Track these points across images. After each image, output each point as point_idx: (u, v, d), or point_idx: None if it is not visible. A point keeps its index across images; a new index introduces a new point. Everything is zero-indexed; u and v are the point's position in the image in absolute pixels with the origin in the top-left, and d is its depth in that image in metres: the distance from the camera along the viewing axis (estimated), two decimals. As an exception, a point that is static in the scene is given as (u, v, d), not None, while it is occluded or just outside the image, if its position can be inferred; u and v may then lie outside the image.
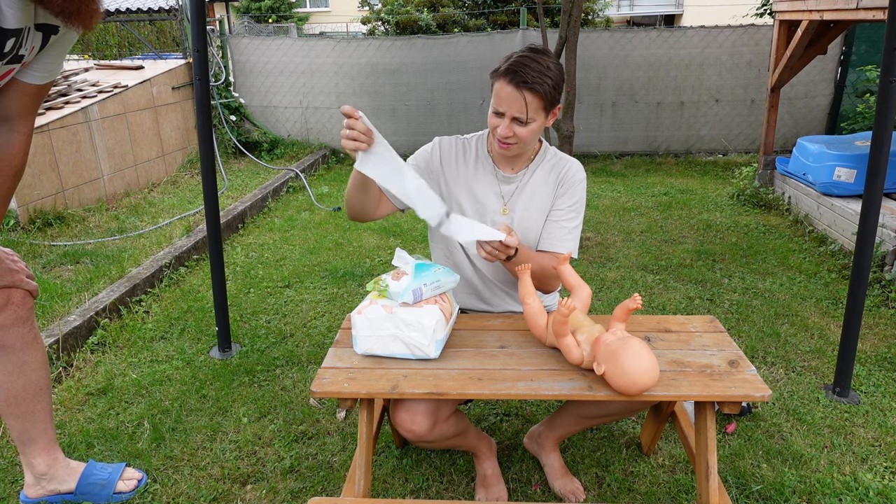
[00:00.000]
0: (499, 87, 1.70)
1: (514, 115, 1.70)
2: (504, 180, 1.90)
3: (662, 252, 4.13)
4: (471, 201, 1.90)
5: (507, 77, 1.68)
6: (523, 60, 1.68)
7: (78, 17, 1.42)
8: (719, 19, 11.55)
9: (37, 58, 1.52)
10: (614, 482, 2.05)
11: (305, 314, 3.30)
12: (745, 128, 6.97)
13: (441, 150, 1.93)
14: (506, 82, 1.68)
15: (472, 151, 1.94)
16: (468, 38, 6.88)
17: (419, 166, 1.92)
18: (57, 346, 2.71)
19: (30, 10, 1.40)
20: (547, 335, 1.63)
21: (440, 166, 1.92)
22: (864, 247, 2.39)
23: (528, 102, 1.68)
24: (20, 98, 1.56)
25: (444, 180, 1.92)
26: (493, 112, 1.75)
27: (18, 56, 1.45)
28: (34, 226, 4.20)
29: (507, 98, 1.69)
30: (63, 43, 1.56)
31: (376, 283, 1.66)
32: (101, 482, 1.96)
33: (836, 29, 4.67)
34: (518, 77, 1.66)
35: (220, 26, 6.98)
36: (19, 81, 1.54)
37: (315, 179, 6.32)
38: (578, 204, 1.91)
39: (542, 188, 1.90)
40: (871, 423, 2.34)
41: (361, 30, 11.66)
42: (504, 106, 1.70)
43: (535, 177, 1.90)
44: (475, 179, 1.91)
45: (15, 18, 1.37)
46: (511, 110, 1.70)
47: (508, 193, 1.90)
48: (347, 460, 2.16)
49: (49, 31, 1.49)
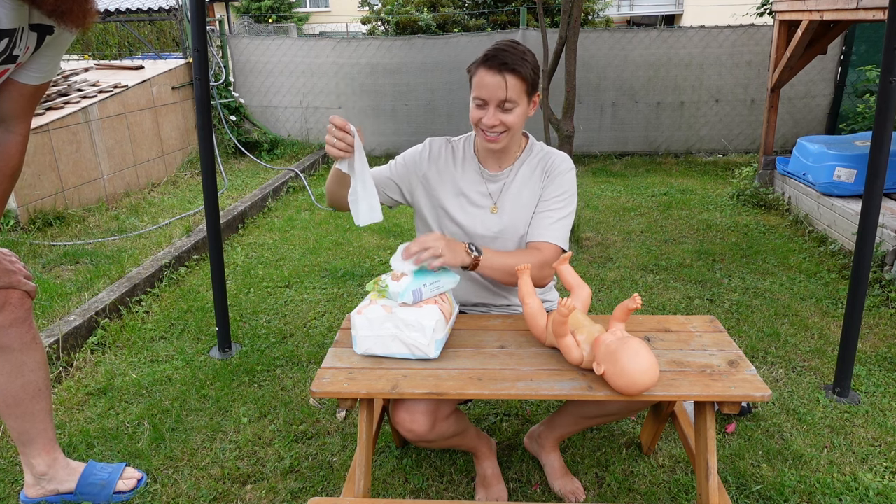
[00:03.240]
0: (480, 77, 1.72)
1: (499, 100, 1.71)
2: (490, 178, 1.90)
3: (662, 252, 4.13)
4: (458, 202, 1.90)
5: (486, 64, 1.70)
6: (500, 47, 1.72)
7: (71, 17, 1.41)
8: (719, 19, 11.56)
9: (32, 58, 1.52)
10: (614, 482, 2.05)
11: (305, 314, 3.30)
12: (745, 128, 6.97)
13: (430, 150, 1.94)
14: (486, 69, 1.70)
15: (459, 152, 1.94)
16: (468, 38, 6.88)
17: (406, 163, 1.94)
18: (57, 346, 2.71)
19: (24, 11, 1.39)
20: (547, 335, 1.63)
21: (426, 166, 1.92)
22: (864, 247, 2.39)
23: (510, 85, 1.69)
24: (16, 99, 1.56)
25: (426, 180, 1.92)
26: (475, 105, 1.76)
27: (13, 56, 1.45)
28: (34, 226, 4.20)
29: (489, 85, 1.70)
30: (59, 43, 1.55)
31: (376, 284, 1.66)
32: (100, 482, 1.96)
33: (836, 29, 4.67)
34: (497, 60, 1.68)
35: (220, 26, 6.99)
36: (15, 82, 1.53)
37: (315, 179, 6.32)
38: (566, 194, 1.87)
39: (528, 183, 1.89)
40: (871, 423, 2.34)
41: (361, 30, 11.67)
42: (486, 93, 1.71)
43: (522, 172, 1.90)
44: (462, 179, 1.91)
45: (8, 18, 1.37)
46: (495, 96, 1.71)
47: (496, 192, 1.90)
48: (347, 460, 2.16)
49: (44, 32, 1.48)
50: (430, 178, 1.92)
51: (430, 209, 1.94)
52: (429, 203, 1.94)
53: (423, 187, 1.93)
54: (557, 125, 4.22)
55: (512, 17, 9.02)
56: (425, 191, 1.93)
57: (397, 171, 1.95)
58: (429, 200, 1.94)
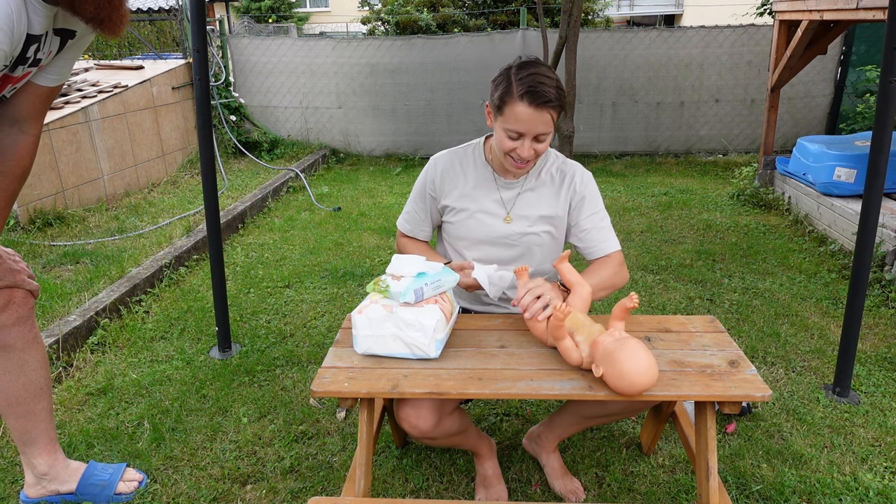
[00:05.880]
0: (517, 111, 1.66)
1: (536, 134, 1.70)
2: (505, 186, 1.90)
3: (662, 252, 4.13)
4: (472, 211, 1.90)
5: (527, 99, 1.64)
6: (537, 79, 1.65)
7: (109, 24, 1.44)
8: (719, 19, 11.56)
9: (52, 61, 1.54)
10: (614, 482, 2.05)
11: (305, 314, 3.30)
12: (745, 128, 6.97)
13: (438, 168, 1.94)
14: (527, 105, 1.65)
15: (469, 161, 1.93)
16: (468, 38, 6.88)
17: (422, 193, 1.96)
18: (57, 346, 2.71)
19: (51, 16, 1.42)
20: (547, 336, 1.63)
21: (439, 182, 1.93)
22: (864, 247, 2.39)
23: (549, 121, 1.69)
24: (32, 100, 1.58)
25: (442, 194, 1.94)
26: (507, 136, 1.72)
27: (37, 60, 1.48)
28: (34, 226, 4.20)
29: (528, 120, 1.66)
30: (78, 47, 1.58)
31: (376, 284, 1.66)
32: (101, 483, 1.96)
33: (836, 29, 4.67)
34: (540, 97, 1.64)
35: (220, 26, 6.98)
36: (32, 83, 1.56)
37: (315, 179, 6.32)
38: (600, 204, 1.93)
39: (546, 193, 1.90)
40: (871, 423, 2.34)
41: (361, 30, 11.66)
42: (525, 127, 1.68)
43: (538, 181, 1.91)
44: (475, 188, 1.91)
45: (40, 25, 1.40)
46: (534, 131, 1.69)
47: (510, 200, 1.90)
48: (347, 460, 2.16)
49: (67, 36, 1.51)
50: (444, 192, 1.93)
51: (446, 220, 1.97)
52: (447, 214, 1.96)
53: (441, 202, 1.95)
54: (557, 125, 4.23)
55: (512, 17, 9.01)
56: (442, 204, 1.95)
57: (421, 205, 1.98)
58: (445, 213, 1.96)
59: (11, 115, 1.57)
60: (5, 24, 1.30)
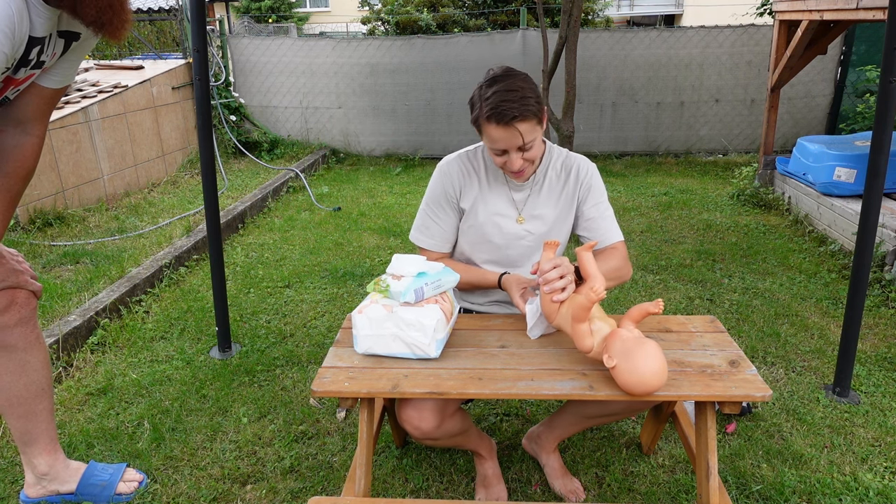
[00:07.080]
0: (490, 132, 1.69)
1: (517, 146, 1.70)
2: (516, 188, 1.91)
3: (662, 252, 4.13)
4: (485, 213, 1.91)
5: (493, 121, 1.65)
6: (501, 97, 1.64)
7: (110, 28, 1.44)
8: (719, 19, 11.56)
9: (56, 63, 1.55)
10: (614, 482, 2.05)
11: (305, 314, 3.30)
12: (745, 128, 6.98)
13: (453, 173, 1.92)
14: (494, 125, 1.66)
15: (479, 163, 1.93)
16: (468, 38, 6.88)
17: (449, 203, 1.92)
18: (57, 346, 2.71)
19: (55, 18, 1.42)
20: (558, 315, 1.58)
21: (461, 187, 1.92)
22: (864, 247, 2.39)
23: (524, 132, 1.67)
24: (36, 102, 1.58)
25: (462, 198, 1.92)
26: (493, 153, 1.75)
27: (40, 62, 1.48)
28: (34, 226, 4.20)
29: (502, 139, 1.68)
30: (83, 49, 1.58)
31: (376, 284, 1.66)
32: (101, 483, 1.96)
33: (836, 29, 4.67)
34: (505, 116, 1.63)
35: (220, 26, 6.98)
36: (37, 85, 1.56)
37: (315, 179, 6.32)
38: (604, 194, 1.95)
39: (555, 189, 1.91)
40: (871, 423, 2.34)
41: (361, 30, 11.66)
42: (503, 144, 1.70)
43: (547, 178, 1.91)
44: (488, 190, 1.91)
45: (43, 27, 1.40)
46: (514, 144, 1.70)
47: (522, 200, 1.91)
48: (347, 460, 2.16)
49: (71, 38, 1.52)
50: (462, 195, 1.92)
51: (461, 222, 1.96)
52: (463, 217, 1.95)
53: (460, 205, 1.93)
54: (557, 125, 4.22)
55: (512, 17, 9.01)
56: (460, 207, 1.94)
57: (442, 215, 1.94)
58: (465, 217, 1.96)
59: (16, 116, 1.58)
60: (6, 25, 1.30)
